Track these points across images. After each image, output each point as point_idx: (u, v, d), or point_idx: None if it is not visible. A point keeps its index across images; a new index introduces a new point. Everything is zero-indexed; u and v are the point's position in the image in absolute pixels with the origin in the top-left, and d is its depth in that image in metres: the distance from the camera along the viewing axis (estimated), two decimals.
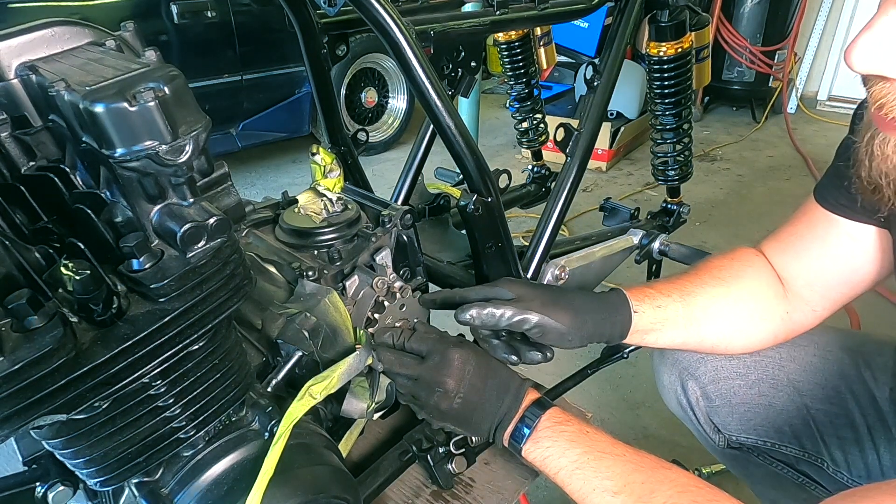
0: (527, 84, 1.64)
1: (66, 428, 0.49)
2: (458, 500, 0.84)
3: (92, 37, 0.49)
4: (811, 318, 0.90)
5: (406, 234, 0.84)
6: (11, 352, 0.40)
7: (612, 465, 0.69)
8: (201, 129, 0.44)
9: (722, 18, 4.33)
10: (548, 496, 1.58)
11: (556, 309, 0.78)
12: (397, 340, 0.78)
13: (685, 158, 1.48)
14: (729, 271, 0.89)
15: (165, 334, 0.48)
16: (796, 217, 0.90)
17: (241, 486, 0.56)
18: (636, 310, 0.82)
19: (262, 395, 0.64)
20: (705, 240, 2.89)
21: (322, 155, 0.87)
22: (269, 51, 3.46)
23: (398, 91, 4.21)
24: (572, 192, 1.08)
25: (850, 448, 0.95)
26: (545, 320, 0.77)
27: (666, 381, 1.09)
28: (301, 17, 0.98)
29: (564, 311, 0.78)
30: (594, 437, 0.72)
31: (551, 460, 0.71)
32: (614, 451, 0.70)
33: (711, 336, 0.88)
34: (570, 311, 0.79)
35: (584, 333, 0.79)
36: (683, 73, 1.36)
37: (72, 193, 0.49)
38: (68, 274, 0.43)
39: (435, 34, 0.94)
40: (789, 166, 3.83)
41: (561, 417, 0.74)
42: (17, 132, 0.48)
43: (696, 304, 0.86)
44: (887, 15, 0.52)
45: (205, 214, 0.47)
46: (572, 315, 0.78)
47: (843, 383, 0.97)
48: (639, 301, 0.83)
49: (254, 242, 0.84)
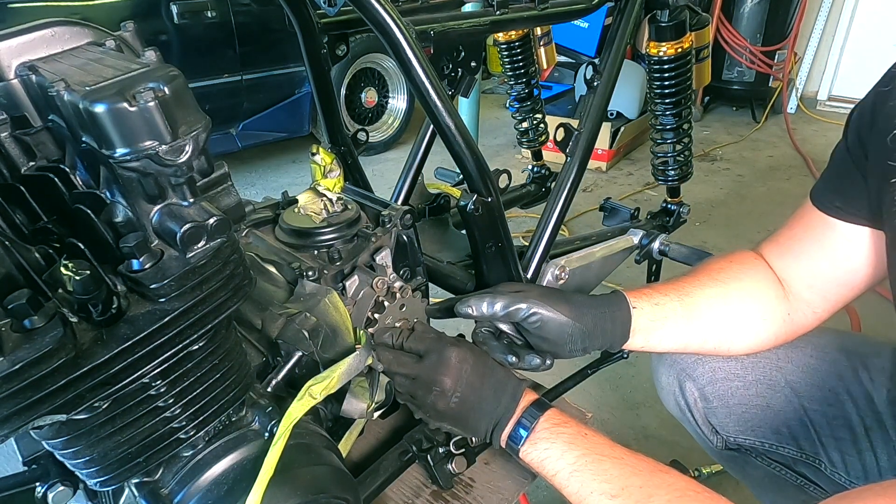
0: (527, 84, 1.64)
1: (67, 428, 0.49)
2: (458, 500, 0.84)
3: (92, 37, 0.49)
4: (812, 318, 0.90)
5: (406, 234, 0.84)
6: (11, 352, 0.40)
7: (610, 468, 0.69)
8: (201, 129, 0.44)
9: (722, 18, 4.33)
10: (548, 496, 1.58)
11: (555, 300, 0.79)
12: (396, 340, 0.79)
13: (685, 158, 1.48)
14: (728, 273, 0.90)
15: (165, 334, 0.48)
16: (794, 220, 0.90)
17: (241, 486, 0.56)
18: (634, 306, 0.83)
19: (262, 395, 0.64)
20: (705, 240, 2.89)
21: (322, 155, 0.87)
22: (269, 51, 3.47)
23: (398, 91, 4.21)
24: (572, 192, 1.08)
25: (848, 449, 0.95)
26: (543, 308, 0.78)
27: (664, 382, 1.09)
28: (301, 17, 0.98)
29: (563, 303, 0.79)
30: (592, 440, 0.72)
31: (549, 462, 0.71)
32: (612, 453, 0.70)
33: (713, 336, 0.88)
34: (568, 303, 0.80)
35: (584, 326, 0.79)
36: (683, 73, 1.36)
37: (72, 193, 0.49)
38: (68, 274, 0.43)
39: (435, 34, 0.94)
40: (789, 166, 3.83)
41: (559, 419, 0.74)
42: (17, 132, 0.48)
43: (694, 303, 0.86)
44: None
45: (205, 214, 0.47)
46: (570, 307, 0.79)
47: (841, 385, 0.97)
48: (637, 299, 0.84)
49: (254, 242, 0.84)
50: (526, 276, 1.04)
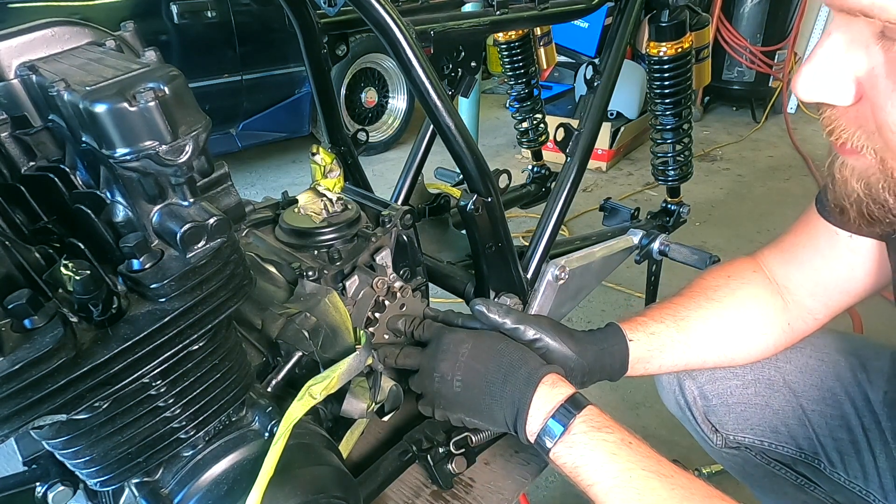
0: (527, 84, 1.64)
1: (67, 428, 0.49)
2: (458, 500, 0.84)
3: (92, 37, 0.49)
4: (812, 324, 0.90)
5: (406, 234, 0.84)
6: (11, 352, 0.40)
7: (658, 488, 0.62)
8: (201, 129, 0.44)
9: (722, 18, 4.33)
10: (548, 496, 1.58)
11: (562, 333, 0.78)
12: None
13: (685, 158, 1.48)
14: (724, 291, 0.89)
15: (165, 334, 0.48)
16: (798, 226, 0.90)
17: (241, 486, 0.56)
18: (630, 338, 0.82)
19: (262, 395, 0.64)
20: (705, 240, 2.89)
21: (322, 155, 0.87)
22: (269, 51, 3.47)
23: (398, 91, 4.21)
24: (572, 192, 1.08)
25: (846, 449, 0.95)
26: (550, 337, 0.76)
27: (664, 381, 1.10)
28: (301, 17, 0.98)
29: (568, 338, 0.78)
30: (638, 451, 0.65)
31: (586, 471, 0.64)
32: (661, 470, 0.63)
33: (712, 356, 0.88)
34: (572, 338, 0.78)
35: (586, 362, 0.78)
36: (683, 73, 1.36)
37: (72, 193, 0.49)
38: (68, 274, 0.43)
39: (435, 34, 0.94)
40: (789, 166, 3.83)
41: (599, 422, 0.67)
42: (17, 132, 0.48)
43: (691, 327, 0.85)
44: (823, 47, 0.54)
45: (205, 214, 0.47)
46: (574, 342, 0.78)
47: (839, 385, 0.97)
48: (632, 331, 0.83)
49: (254, 242, 0.84)
50: (526, 277, 1.04)
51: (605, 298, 2.46)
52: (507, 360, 0.72)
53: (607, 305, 2.43)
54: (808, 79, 0.55)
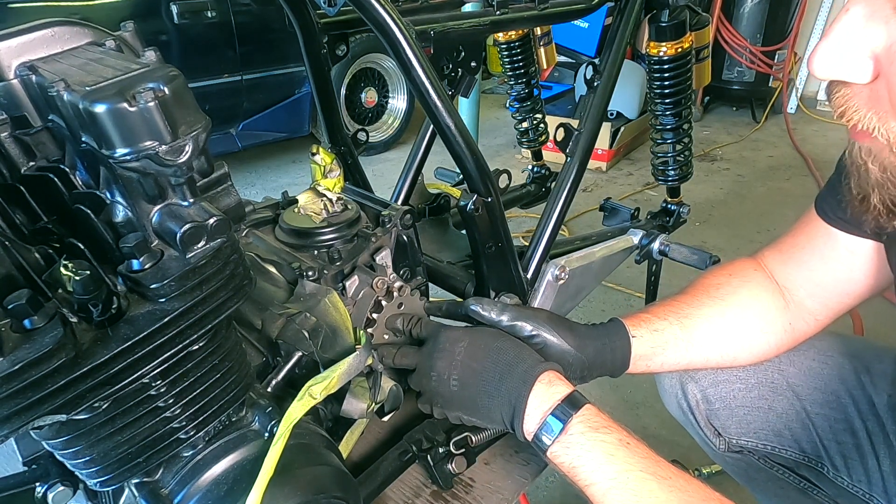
0: (527, 84, 1.64)
1: (66, 428, 0.49)
2: (458, 500, 0.84)
3: (92, 37, 0.49)
4: (813, 326, 0.90)
5: (406, 234, 0.84)
6: (11, 352, 0.40)
7: (656, 489, 0.61)
8: (201, 129, 0.44)
9: (722, 18, 4.33)
10: (548, 496, 1.58)
11: (560, 327, 0.77)
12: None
13: (685, 158, 1.48)
14: (726, 289, 0.89)
15: (165, 334, 0.48)
16: (798, 227, 0.89)
17: (241, 486, 0.56)
18: (634, 335, 0.81)
19: (262, 395, 0.64)
20: (705, 240, 2.89)
21: (322, 155, 0.87)
22: (269, 51, 3.47)
23: (398, 91, 4.21)
24: (572, 192, 1.08)
25: (850, 453, 0.95)
26: (547, 332, 0.76)
27: (666, 385, 1.09)
28: (301, 17, 0.98)
29: (567, 332, 0.77)
30: (636, 452, 0.64)
31: (583, 471, 0.64)
32: (659, 471, 0.63)
33: (715, 355, 0.87)
34: (572, 332, 0.78)
35: (585, 357, 0.77)
36: (683, 73, 1.36)
37: (72, 193, 0.49)
38: (68, 274, 0.43)
39: (435, 34, 0.94)
40: (789, 166, 3.83)
41: (597, 421, 0.67)
42: (17, 132, 0.48)
43: (693, 325, 0.85)
44: (841, 22, 0.53)
45: (205, 214, 0.47)
46: (574, 336, 0.77)
47: (843, 388, 0.97)
48: (636, 327, 0.82)
49: (254, 242, 0.84)
50: (526, 276, 1.04)
51: (605, 298, 2.46)
52: (503, 357, 0.72)
53: (607, 305, 2.43)
54: (826, 54, 0.53)
